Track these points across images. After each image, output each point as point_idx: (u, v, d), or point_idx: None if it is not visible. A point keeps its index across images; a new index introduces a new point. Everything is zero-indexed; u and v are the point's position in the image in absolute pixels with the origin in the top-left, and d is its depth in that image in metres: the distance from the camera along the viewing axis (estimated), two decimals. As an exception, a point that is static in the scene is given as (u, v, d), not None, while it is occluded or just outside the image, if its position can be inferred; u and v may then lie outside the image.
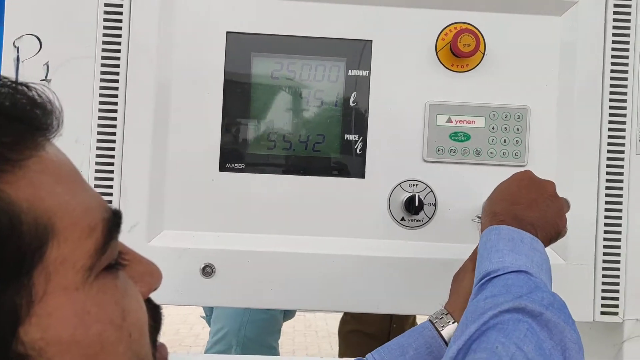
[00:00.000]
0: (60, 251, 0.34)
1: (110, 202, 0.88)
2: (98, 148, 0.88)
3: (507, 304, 0.61)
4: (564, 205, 0.80)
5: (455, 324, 0.77)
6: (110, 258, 0.38)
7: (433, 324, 0.79)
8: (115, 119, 0.88)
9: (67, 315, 0.34)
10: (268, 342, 1.96)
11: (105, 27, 0.88)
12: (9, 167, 0.33)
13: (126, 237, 0.87)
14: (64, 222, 0.35)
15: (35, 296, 0.33)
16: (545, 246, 0.76)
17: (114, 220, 0.38)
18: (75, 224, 0.35)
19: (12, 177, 0.33)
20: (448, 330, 0.77)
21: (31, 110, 0.37)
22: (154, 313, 0.43)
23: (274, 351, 2.00)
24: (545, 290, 0.64)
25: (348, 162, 0.92)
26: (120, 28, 0.88)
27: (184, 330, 5.11)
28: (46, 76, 0.86)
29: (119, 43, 0.88)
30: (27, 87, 0.37)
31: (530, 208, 0.75)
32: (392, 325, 2.07)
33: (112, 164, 0.88)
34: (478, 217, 0.86)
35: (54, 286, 0.34)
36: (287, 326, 5.36)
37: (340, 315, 2.34)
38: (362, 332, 2.09)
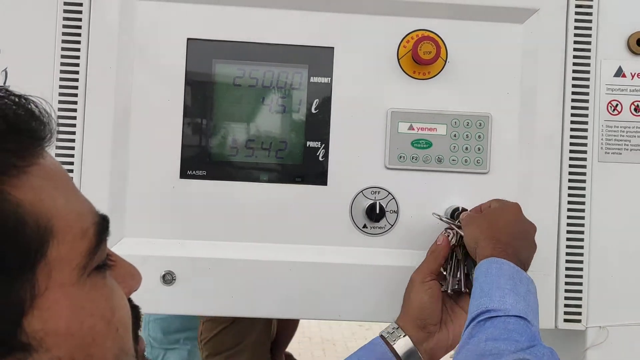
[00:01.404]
0: (58, 250, 0.38)
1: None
2: (57, 155, 0.87)
3: (510, 355, 0.65)
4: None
5: (407, 337, 0.78)
6: (100, 259, 0.41)
7: (384, 339, 0.80)
8: (74, 125, 0.88)
9: (64, 309, 0.38)
10: (177, 340, 1.89)
11: (64, 34, 0.88)
12: (15, 172, 0.37)
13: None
14: (61, 224, 0.38)
15: (38, 290, 0.37)
16: None
17: (103, 224, 0.42)
18: (71, 226, 0.39)
19: (17, 182, 0.37)
20: (400, 344, 0.78)
21: (30, 121, 0.40)
22: (135, 312, 0.47)
23: (184, 346, 1.90)
24: (544, 345, 0.69)
25: (310, 169, 0.91)
26: (79, 34, 0.88)
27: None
28: (4, 82, 0.85)
29: (78, 49, 0.88)
30: (26, 99, 0.41)
31: (524, 247, 0.79)
32: None
33: (71, 171, 0.88)
34: (436, 214, 0.87)
35: (54, 282, 0.37)
36: (279, 332, 5.33)
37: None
38: None
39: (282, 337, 2.07)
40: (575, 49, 0.91)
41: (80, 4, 0.88)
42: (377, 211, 0.89)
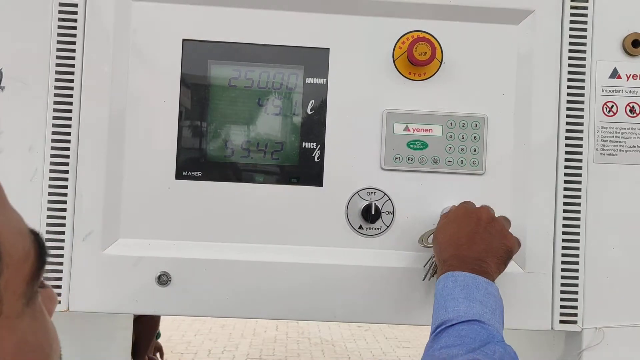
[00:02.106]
0: (6, 276, 0.31)
1: (65, 209, 0.87)
2: (52, 155, 0.87)
3: (460, 357, 0.64)
4: (504, 223, 0.83)
5: None
6: (38, 285, 0.35)
7: None
8: (69, 126, 0.88)
9: (10, 347, 0.31)
10: None
11: (59, 34, 0.88)
12: None
13: (81, 245, 0.86)
14: (5, 245, 0.31)
15: None
16: (502, 269, 0.80)
17: (42, 243, 0.35)
18: (15, 247, 0.32)
19: None
20: None
21: None
22: None
23: None
24: (498, 341, 0.68)
25: (306, 170, 0.91)
26: (74, 35, 0.88)
27: (176, 337, 5.09)
28: (0, 82, 0.85)
29: (73, 50, 0.88)
30: None
31: (473, 243, 0.78)
32: None
33: (66, 172, 0.88)
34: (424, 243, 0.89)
35: (4, 315, 0.31)
36: (280, 333, 5.35)
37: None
38: None
39: (140, 341, 2.07)
40: (570, 50, 0.92)
41: (76, 5, 0.88)
42: (373, 212, 0.89)
